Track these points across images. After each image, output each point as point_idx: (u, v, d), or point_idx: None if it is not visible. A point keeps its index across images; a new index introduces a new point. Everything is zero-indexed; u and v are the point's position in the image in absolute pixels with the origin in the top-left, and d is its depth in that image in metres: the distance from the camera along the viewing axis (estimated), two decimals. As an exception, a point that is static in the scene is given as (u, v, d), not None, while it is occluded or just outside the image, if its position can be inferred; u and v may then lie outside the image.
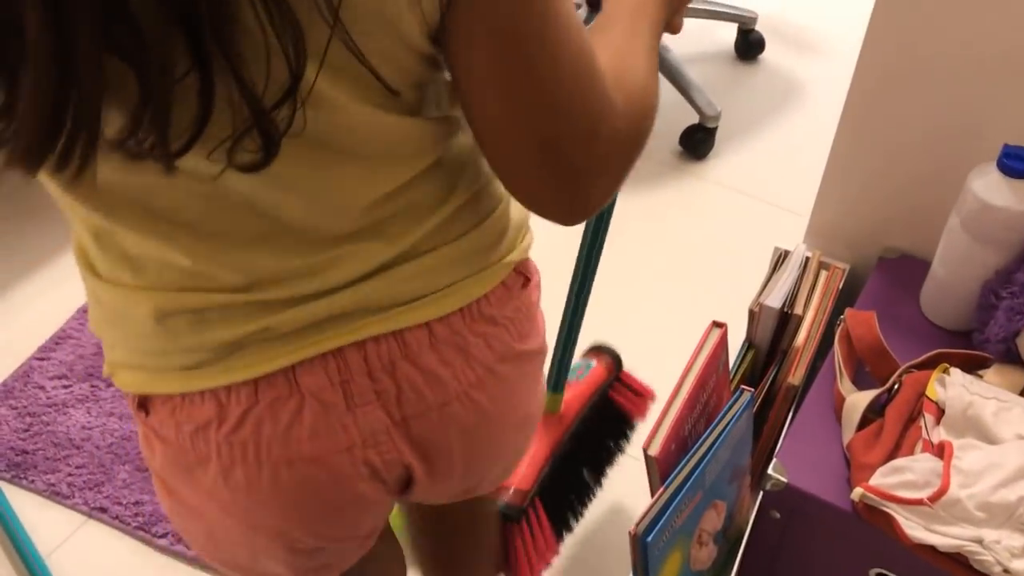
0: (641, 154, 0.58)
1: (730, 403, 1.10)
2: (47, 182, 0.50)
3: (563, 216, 0.57)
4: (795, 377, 1.20)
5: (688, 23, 2.24)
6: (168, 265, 0.55)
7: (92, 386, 1.50)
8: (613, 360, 1.26)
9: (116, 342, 0.60)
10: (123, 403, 1.48)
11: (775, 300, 1.28)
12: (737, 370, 1.32)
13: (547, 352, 0.76)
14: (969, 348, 1.12)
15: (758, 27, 2.22)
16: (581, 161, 0.53)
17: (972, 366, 1.08)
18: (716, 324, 1.18)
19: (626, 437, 1.31)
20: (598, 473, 1.28)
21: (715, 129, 1.96)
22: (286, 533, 0.64)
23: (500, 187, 0.66)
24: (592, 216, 0.61)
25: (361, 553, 0.74)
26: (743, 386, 1.12)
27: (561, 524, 1.21)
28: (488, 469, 0.73)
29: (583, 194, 0.55)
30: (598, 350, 1.27)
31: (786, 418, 1.24)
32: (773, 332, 1.30)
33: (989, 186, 1.07)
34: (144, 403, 0.60)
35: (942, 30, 1.11)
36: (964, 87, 1.14)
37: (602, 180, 0.56)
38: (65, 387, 1.50)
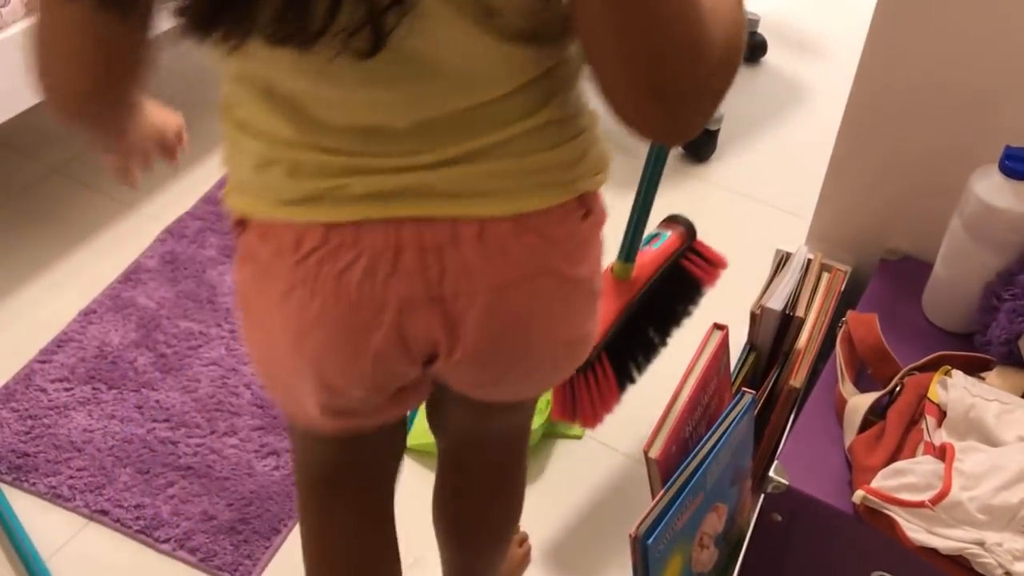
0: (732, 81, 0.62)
1: (731, 405, 1.10)
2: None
3: (669, 136, 0.64)
4: (797, 379, 1.20)
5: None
6: (278, 127, 0.66)
7: (94, 389, 1.50)
8: (686, 230, 1.30)
9: (232, 174, 0.72)
10: (124, 406, 1.48)
11: (777, 302, 1.28)
12: (739, 372, 1.32)
13: (596, 290, 0.80)
14: (971, 350, 1.11)
15: (760, 29, 2.22)
16: (686, 85, 0.58)
17: (974, 368, 1.08)
18: (717, 326, 1.18)
19: (695, 302, 1.35)
20: (664, 333, 1.33)
21: (717, 131, 1.95)
22: (320, 360, 0.73)
23: (587, 121, 0.72)
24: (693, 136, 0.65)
25: (383, 419, 0.82)
26: (744, 388, 1.11)
27: (625, 378, 1.27)
28: (510, 371, 0.78)
29: (686, 116, 0.60)
30: (673, 220, 1.31)
31: (788, 420, 1.23)
32: (775, 334, 1.30)
33: (991, 188, 1.07)
34: (242, 223, 0.72)
35: (942, 33, 1.11)
36: (965, 90, 1.14)
37: (702, 103, 0.60)
38: (67, 390, 1.50)
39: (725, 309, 1.48)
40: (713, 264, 1.35)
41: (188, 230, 1.78)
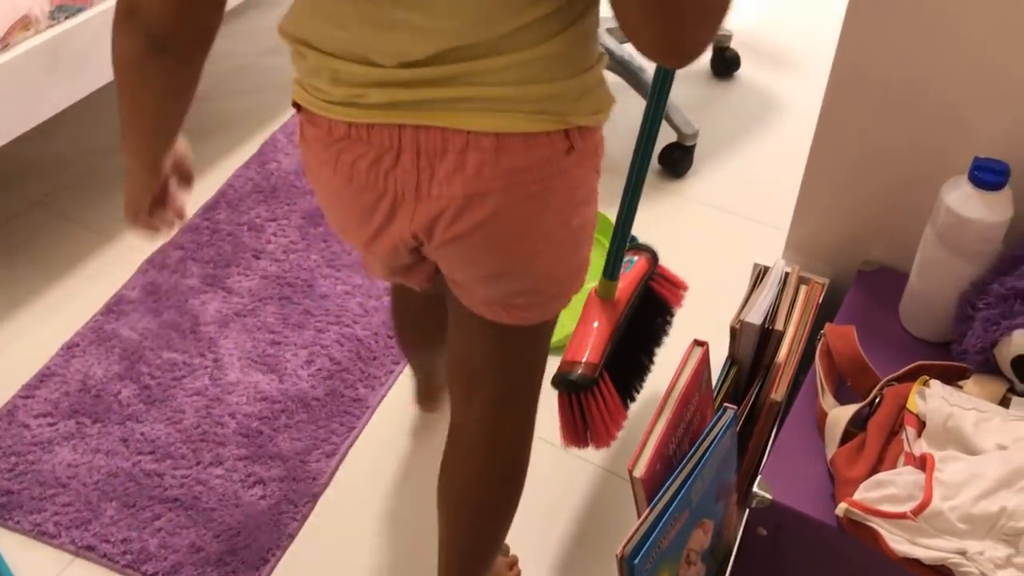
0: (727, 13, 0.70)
1: (714, 421, 1.10)
2: None
3: (679, 55, 0.69)
4: (778, 393, 1.21)
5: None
6: (325, 38, 0.81)
7: (78, 423, 1.49)
8: (651, 255, 1.39)
9: (296, 71, 0.87)
10: (109, 439, 1.47)
11: (756, 316, 1.29)
12: (721, 387, 1.33)
13: (576, 226, 0.89)
14: (948, 359, 1.13)
15: (733, 44, 2.25)
16: (690, 16, 0.66)
17: (952, 377, 1.09)
18: (697, 343, 1.19)
19: (667, 323, 1.45)
20: (650, 355, 1.41)
21: (693, 147, 1.97)
22: (339, 222, 0.94)
23: (593, 60, 0.81)
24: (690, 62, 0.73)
25: (415, 281, 1.03)
26: (726, 404, 1.12)
27: (626, 395, 1.33)
28: (485, 276, 0.91)
29: (693, 35, 0.68)
30: (637, 247, 1.40)
31: (770, 434, 1.24)
32: (755, 348, 1.31)
33: (961, 199, 1.09)
34: (297, 106, 0.88)
35: (909, 47, 1.13)
36: (933, 101, 1.15)
37: (701, 32, 0.68)
38: (50, 425, 1.49)
39: (706, 323, 1.50)
40: (677, 286, 1.43)
41: (170, 260, 1.78)
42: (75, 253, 1.82)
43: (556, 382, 1.21)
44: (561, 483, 1.45)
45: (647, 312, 1.37)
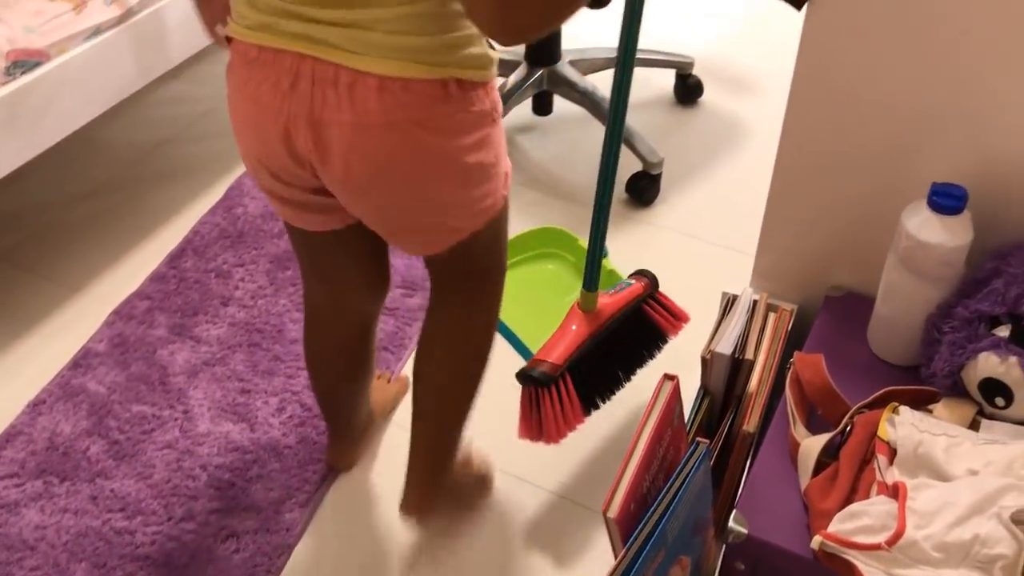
0: (564, 16, 0.82)
1: (686, 456, 1.10)
2: None
3: (495, 34, 0.82)
4: (750, 424, 1.20)
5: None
6: None
7: (45, 483, 1.47)
8: (650, 280, 1.47)
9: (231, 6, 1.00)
10: (78, 498, 1.45)
11: (726, 346, 1.29)
12: (694, 418, 1.32)
13: (467, 164, 1.03)
14: (918, 383, 1.13)
15: (696, 71, 2.26)
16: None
17: (921, 401, 1.09)
18: (667, 377, 1.18)
19: (657, 347, 1.51)
20: (628, 372, 1.47)
21: (659, 175, 1.98)
22: (241, 132, 1.04)
23: (466, 24, 0.93)
24: (524, 40, 0.88)
25: (311, 222, 1.14)
26: (699, 438, 1.12)
27: (589, 403, 1.39)
28: (379, 208, 1.06)
29: (508, 20, 0.80)
30: (639, 272, 1.48)
31: (745, 465, 1.24)
32: (726, 378, 1.31)
33: (921, 224, 1.09)
34: (229, 39, 1.01)
35: (864, 74, 1.14)
36: (890, 127, 1.16)
37: (520, 15, 0.79)
38: (17, 486, 1.46)
39: (679, 352, 1.49)
40: (676, 317, 1.50)
41: (136, 310, 1.76)
42: (40, 307, 1.79)
43: (519, 375, 1.32)
44: (539, 520, 1.44)
45: (634, 332, 1.43)
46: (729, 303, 1.37)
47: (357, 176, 1.00)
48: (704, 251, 1.88)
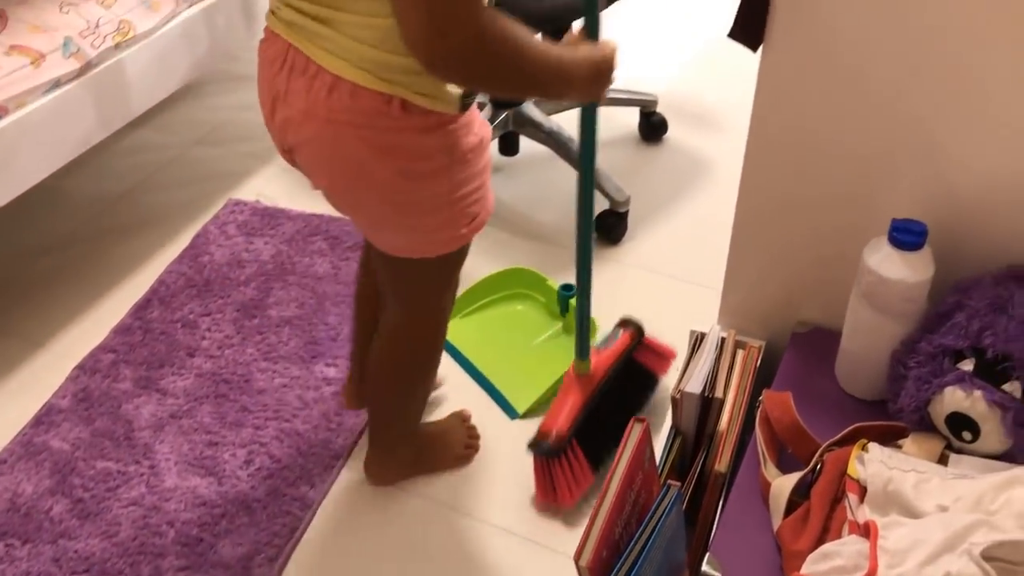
0: (498, 72, 0.95)
1: (658, 500, 1.09)
2: None
3: (417, 55, 0.90)
4: (721, 463, 1.20)
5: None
6: None
7: (7, 545, 1.43)
8: (636, 329, 1.54)
9: None
10: (40, 560, 1.41)
11: (695, 385, 1.28)
12: (667, 459, 1.32)
13: (405, 181, 1.07)
14: (886, 417, 1.13)
15: (659, 109, 2.28)
16: (427, 27, 0.87)
17: (890, 437, 1.09)
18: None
19: (652, 389, 1.61)
20: (628, 419, 1.51)
21: (626, 213, 1.98)
22: (263, 116, 1.14)
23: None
24: (464, 82, 1.02)
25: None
26: (670, 480, 1.11)
27: (597, 461, 1.47)
28: (318, 184, 1.13)
29: (435, 56, 0.89)
30: (624, 322, 1.56)
31: (718, 506, 1.23)
32: (697, 417, 1.30)
33: (883, 260, 1.10)
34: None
35: (821, 113, 1.15)
36: (848, 166, 1.17)
37: (446, 54, 0.89)
38: (-23, 549, 1.42)
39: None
40: (663, 356, 1.59)
41: (101, 364, 1.73)
42: (1, 364, 1.76)
43: (531, 447, 1.42)
44: (517, 570, 1.42)
45: (628, 382, 1.52)
46: (697, 341, 1.37)
47: (303, 159, 1.11)
48: (673, 287, 1.88)
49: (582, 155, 1.29)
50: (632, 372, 1.55)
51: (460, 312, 1.80)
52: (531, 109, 2.09)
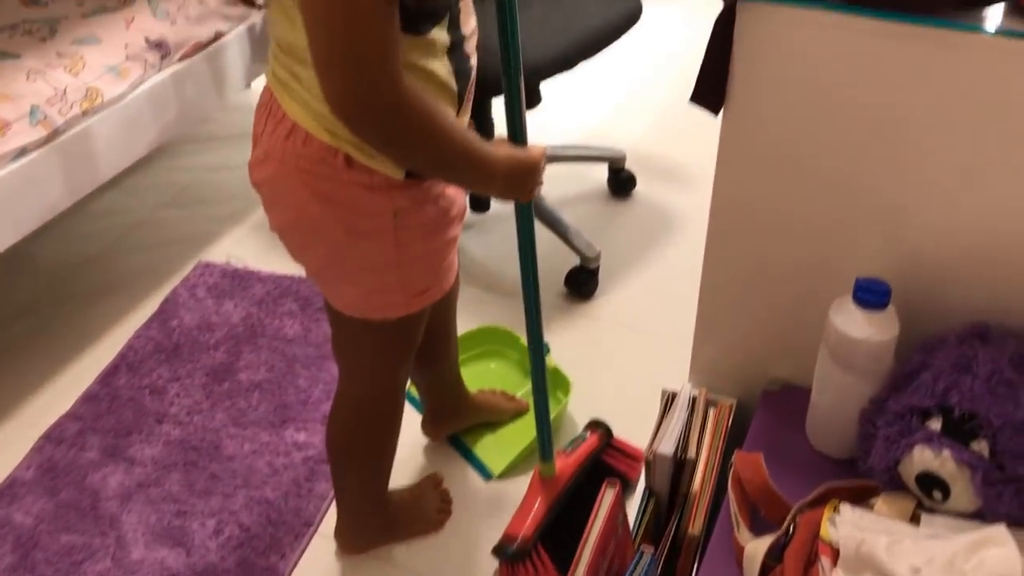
0: (411, 144, 0.97)
1: (632, 565, 1.08)
2: None
3: (338, 118, 0.94)
4: (695, 526, 1.19)
5: (560, 167, 2.30)
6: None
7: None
8: (603, 431, 1.52)
9: None
10: (2, 640, 1.37)
11: (668, 447, 1.28)
12: (641, 520, 1.30)
13: (338, 235, 1.10)
14: (857, 476, 1.13)
15: (628, 164, 2.31)
16: (340, 90, 0.91)
17: (862, 496, 1.09)
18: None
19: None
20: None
21: (597, 269, 1.99)
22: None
23: None
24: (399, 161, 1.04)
25: None
26: (643, 545, 1.10)
27: (563, 565, 1.37)
28: (271, 224, 1.16)
29: (349, 119, 0.93)
30: (593, 424, 1.53)
31: (692, 570, 1.22)
32: (671, 479, 1.30)
33: (848, 319, 1.11)
34: None
35: (782, 171, 1.16)
36: (811, 226, 1.18)
37: (360, 117, 0.93)
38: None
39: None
40: (632, 458, 1.54)
41: (67, 433, 1.70)
42: (-36, 435, 1.73)
43: (495, 552, 1.35)
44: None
45: (596, 484, 1.41)
46: (669, 400, 1.37)
47: (263, 198, 1.14)
48: (645, 342, 1.88)
49: (521, 249, 1.24)
50: (600, 474, 1.47)
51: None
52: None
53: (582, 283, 1.99)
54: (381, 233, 1.09)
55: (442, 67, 1.03)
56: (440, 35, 1.00)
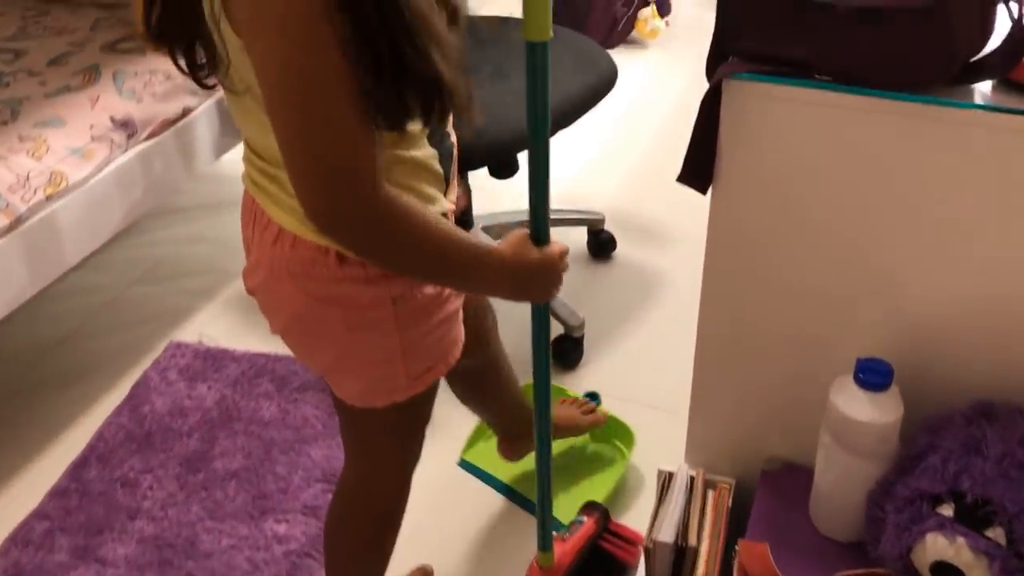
0: (395, 253, 0.93)
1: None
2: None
3: (317, 229, 0.90)
4: (701, 621, 1.14)
5: (539, 232, 2.27)
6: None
7: None
8: (601, 514, 1.45)
9: None
10: None
11: (667, 534, 1.23)
12: (643, 612, 1.25)
13: (338, 332, 1.05)
14: (866, 562, 1.08)
15: (607, 226, 2.28)
16: (317, 202, 0.87)
17: (874, 585, 1.04)
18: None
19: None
20: None
21: (582, 337, 1.95)
22: None
23: None
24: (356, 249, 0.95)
25: None
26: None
27: None
28: (272, 328, 1.11)
29: (328, 229, 0.89)
30: (590, 506, 1.47)
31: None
32: (671, 567, 1.25)
33: (850, 401, 1.07)
34: None
35: (775, 252, 1.13)
36: (807, 302, 1.15)
37: (338, 228, 0.89)
38: None
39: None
40: (630, 542, 1.45)
41: (34, 534, 1.62)
42: (-75, 539, 1.64)
43: None
44: None
45: (594, 571, 1.39)
46: (666, 481, 1.32)
47: (260, 305, 1.10)
48: (634, 413, 1.83)
49: (535, 345, 1.18)
50: (598, 561, 1.44)
51: (483, 436, 1.77)
52: (479, 235, 2.07)
53: (567, 352, 1.94)
54: (382, 324, 1.05)
55: (424, 153, 1.00)
56: (415, 124, 0.96)
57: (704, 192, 1.12)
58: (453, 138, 1.06)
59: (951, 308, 1.09)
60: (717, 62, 1.07)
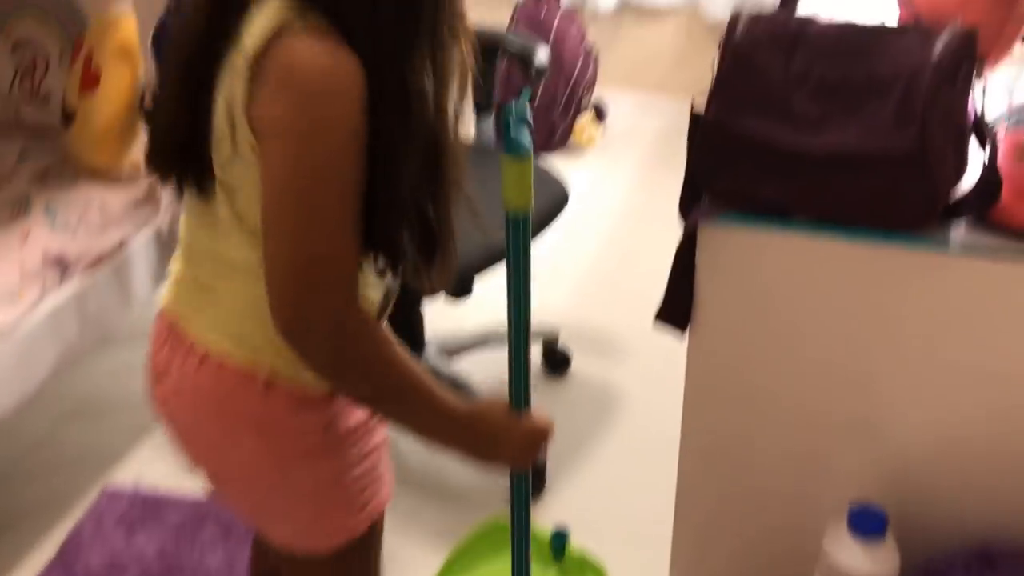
0: (360, 381, 0.91)
1: None
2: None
3: (275, 321, 0.86)
4: None
5: (492, 353, 2.21)
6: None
7: None
8: None
9: None
10: None
11: None
12: None
13: (270, 469, 1.00)
14: None
15: (561, 342, 2.24)
16: (292, 297, 0.85)
17: None
18: None
19: None
20: None
21: (544, 466, 1.88)
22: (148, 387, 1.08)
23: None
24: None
25: None
26: None
27: None
28: (187, 462, 1.06)
29: (291, 331, 0.86)
30: None
31: None
32: None
33: (845, 553, 1.03)
34: None
35: (757, 397, 1.10)
36: (788, 445, 1.12)
37: (300, 313, 0.86)
38: None
39: None
40: None
41: None
42: None
43: None
44: None
45: None
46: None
47: (174, 437, 1.04)
48: (602, 548, 1.75)
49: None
50: None
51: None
52: (432, 357, 2.01)
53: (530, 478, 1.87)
54: (313, 453, 1.01)
55: (373, 288, 0.97)
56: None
57: (683, 331, 1.09)
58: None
59: (937, 449, 1.06)
60: (690, 200, 1.05)
